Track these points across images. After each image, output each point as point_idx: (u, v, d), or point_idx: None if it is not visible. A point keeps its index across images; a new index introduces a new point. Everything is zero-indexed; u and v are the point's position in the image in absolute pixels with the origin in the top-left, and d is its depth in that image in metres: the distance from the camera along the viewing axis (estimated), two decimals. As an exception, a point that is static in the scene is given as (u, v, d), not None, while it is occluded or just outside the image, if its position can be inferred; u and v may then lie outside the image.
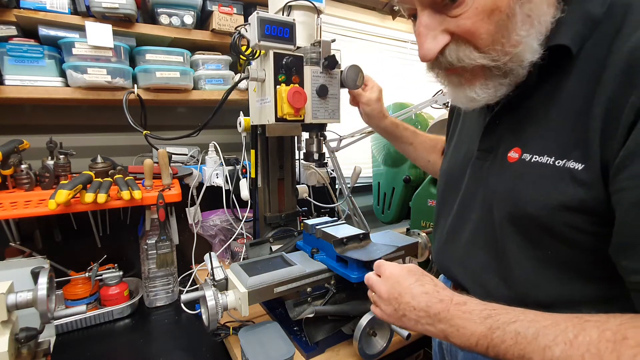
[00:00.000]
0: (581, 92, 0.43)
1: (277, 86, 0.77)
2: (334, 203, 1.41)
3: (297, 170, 1.12)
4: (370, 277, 0.60)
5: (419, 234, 1.03)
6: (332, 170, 1.40)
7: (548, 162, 0.45)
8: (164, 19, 1.06)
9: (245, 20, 1.17)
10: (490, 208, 0.53)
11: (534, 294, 0.49)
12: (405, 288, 0.52)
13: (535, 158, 0.46)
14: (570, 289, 0.47)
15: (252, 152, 1.01)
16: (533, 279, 0.49)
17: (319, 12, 0.85)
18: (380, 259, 0.75)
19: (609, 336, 0.35)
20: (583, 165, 0.42)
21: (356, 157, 1.80)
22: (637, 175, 0.37)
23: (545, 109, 0.47)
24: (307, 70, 0.80)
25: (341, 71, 0.84)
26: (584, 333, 0.37)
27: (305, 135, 0.92)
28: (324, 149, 0.94)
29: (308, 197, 1.22)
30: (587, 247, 0.44)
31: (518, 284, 0.51)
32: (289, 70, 0.78)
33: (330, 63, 0.79)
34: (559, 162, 0.44)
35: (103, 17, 0.97)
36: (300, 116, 0.79)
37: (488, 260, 0.55)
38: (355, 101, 0.93)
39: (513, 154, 0.50)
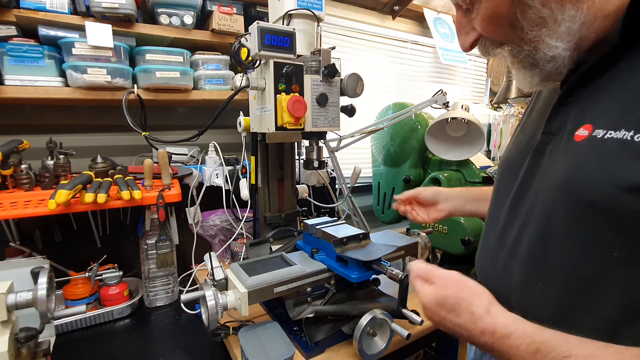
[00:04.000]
0: None
1: (277, 95, 0.78)
2: (334, 203, 1.41)
3: (297, 170, 1.13)
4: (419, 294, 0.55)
5: (419, 234, 1.03)
6: (332, 170, 1.40)
7: (625, 137, 0.38)
8: (163, 19, 1.06)
9: (245, 20, 1.17)
10: (544, 200, 0.46)
11: (582, 312, 0.42)
12: (442, 319, 0.49)
13: (610, 133, 0.39)
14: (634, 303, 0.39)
15: (252, 158, 1.02)
16: (584, 291, 0.42)
17: (318, 20, 0.86)
18: (380, 259, 0.76)
19: None
20: None
21: (356, 157, 1.80)
22: None
23: (628, 77, 0.40)
24: (307, 79, 0.80)
25: (341, 79, 0.84)
26: None
27: (305, 142, 0.92)
28: (324, 154, 0.95)
29: (308, 197, 1.22)
30: None
31: (561, 299, 0.44)
32: (289, 79, 0.79)
33: (330, 72, 0.80)
34: (638, 137, 0.37)
35: (103, 17, 0.97)
36: (300, 125, 0.80)
37: (532, 268, 0.48)
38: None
39: (582, 132, 0.42)
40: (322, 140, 0.90)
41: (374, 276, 0.76)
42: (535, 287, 0.47)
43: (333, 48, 0.84)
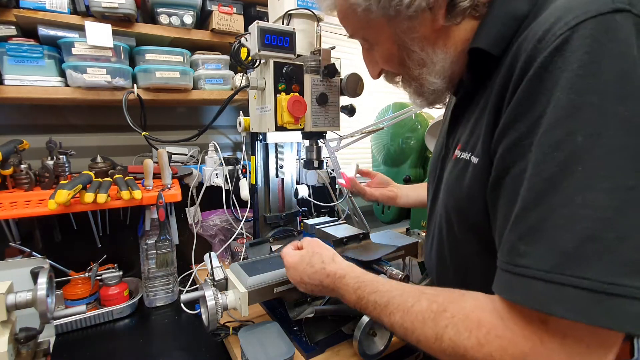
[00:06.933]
0: (493, 88, 0.44)
1: (277, 95, 0.78)
2: (334, 202, 1.41)
3: (297, 170, 1.13)
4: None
5: (419, 233, 1.03)
6: (332, 170, 1.40)
7: (466, 157, 0.49)
8: (163, 19, 1.06)
9: (245, 20, 1.17)
10: (439, 205, 0.58)
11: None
12: (301, 272, 0.62)
13: (462, 154, 0.50)
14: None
15: (252, 158, 1.02)
16: (465, 282, 0.52)
17: (318, 20, 0.86)
18: (380, 259, 0.76)
19: (434, 308, 0.42)
20: (477, 159, 0.46)
21: (356, 157, 1.80)
22: (499, 157, 0.40)
23: (476, 107, 0.50)
24: (307, 79, 0.80)
25: (341, 79, 0.84)
26: (418, 303, 0.44)
27: (305, 142, 0.92)
28: (324, 154, 0.95)
29: (308, 197, 1.22)
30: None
31: (456, 286, 0.54)
32: (289, 78, 0.79)
33: (330, 71, 0.80)
34: (472, 158, 0.47)
35: (103, 16, 0.97)
36: (300, 125, 0.80)
37: (439, 261, 0.59)
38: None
39: (457, 151, 0.53)
40: (322, 140, 0.90)
41: (374, 276, 0.76)
42: (442, 277, 0.60)
43: (333, 48, 0.84)
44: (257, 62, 0.81)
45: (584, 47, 0.33)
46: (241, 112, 1.05)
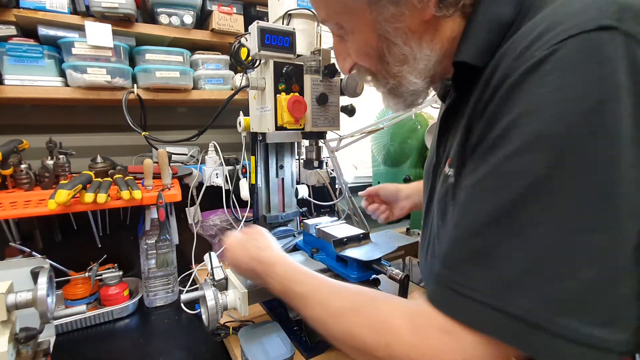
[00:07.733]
0: (470, 103, 0.42)
1: (277, 95, 0.78)
2: (334, 202, 1.41)
3: (297, 170, 1.13)
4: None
5: (418, 233, 1.03)
6: (332, 170, 1.40)
7: (450, 174, 0.47)
8: (163, 19, 1.06)
9: (245, 20, 1.17)
10: (434, 216, 0.56)
11: None
12: (237, 255, 0.63)
13: (449, 170, 0.48)
14: None
15: (252, 158, 1.02)
16: None
17: (318, 20, 0.86)
18: (379, 259, 0.76)
19: (350, 305, 0.43)
20: (453, 179, 0.44)
21: (356, 157, 1.80)
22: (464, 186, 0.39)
23: (461, 119, 0.47)
24: (307, 79, 0.80)
25: (341, 79, 0.84)
26: (337, 299, 0.45)
27: (305, 142, 0.92)
28: (324, 154, 0.95)
29: (308, 197, 1.22)
30: None
31: None
32: (289, 78, 0.79)
33: (331, 71, 0.80)
34: (451, 177, 0.46)
35: (102, 16, 0.97)
36: (300, 125, 0.80)
37: (433, 265, 0.57)
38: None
39: (446, 167, 0.51)
40: (322, 140, 0.90)
41: (374, 276, 0.76)
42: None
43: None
44: (257, 62, 0.81)
45: (558, 71, 0.30)
46: (241, 112, 1.04)
